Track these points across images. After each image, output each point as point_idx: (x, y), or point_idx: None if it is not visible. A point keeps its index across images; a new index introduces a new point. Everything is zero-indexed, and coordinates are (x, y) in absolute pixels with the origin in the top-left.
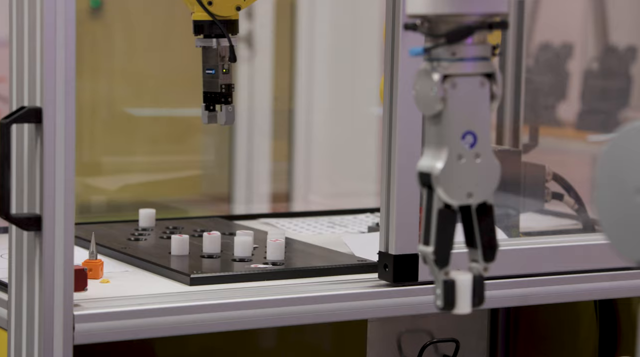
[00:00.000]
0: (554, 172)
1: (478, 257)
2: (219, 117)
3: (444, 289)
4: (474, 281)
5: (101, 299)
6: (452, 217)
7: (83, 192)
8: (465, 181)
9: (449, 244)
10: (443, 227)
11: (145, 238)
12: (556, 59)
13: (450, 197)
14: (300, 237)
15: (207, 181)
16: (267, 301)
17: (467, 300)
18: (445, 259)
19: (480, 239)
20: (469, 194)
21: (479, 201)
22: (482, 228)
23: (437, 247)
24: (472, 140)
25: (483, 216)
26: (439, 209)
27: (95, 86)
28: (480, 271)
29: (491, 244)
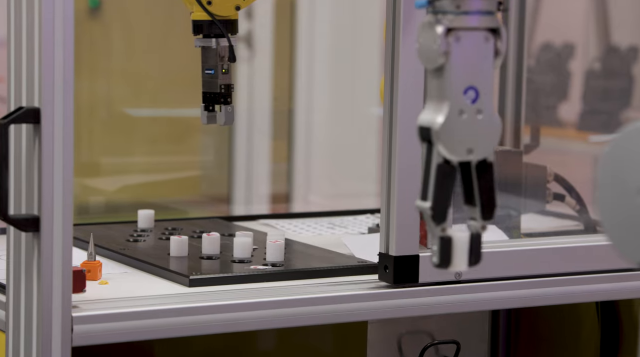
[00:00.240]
0: (556, 173)
1: (476, 215)
2: (218, 117)
3: (441, 246)
4: (471, 238)
5: (100, 301)
6: (451, 173)
7: (81, 192)
8: (466, 136)
9: (447, 200)
10: (441, 183)
11: (144, 239)
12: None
13: (450, 153)
14: (300, 238)
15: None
16: (267, 302)
17: (463, 257)
18: (443, 215)
19: (480, 197)
20: (469, 150)
21: (479, 158)
22: (482, 186)
23: (434, 202)
24: (474, 96)
25: (483, 174)
26: (438, 164)
27: (93, 86)
28: (478, 229)
29: (490, 203)
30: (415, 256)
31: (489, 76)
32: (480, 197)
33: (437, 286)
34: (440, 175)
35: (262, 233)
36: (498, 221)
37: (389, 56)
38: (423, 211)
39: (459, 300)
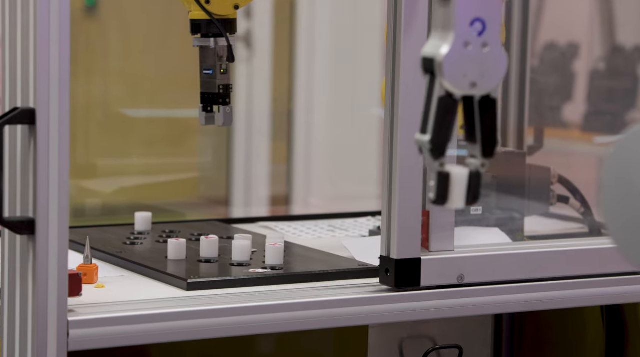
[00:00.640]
0: (560, 175)
1: (477, 152)
2: (216, 118)
3: (438, 181)
4: (470, 176)
5: (96, 305)
6: (452, 107)
7: (77, 195)
8: (470, 69)
9: (447, 135)
10: (442, 116)
11: (141, 242)
12: (562, 59)
13: (453, 85)
14: (300, 241)
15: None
16: (266, 306)
17: (461, 195)
18: (442, 149)
19: (481, 133)
20: (473, 84)
21: (483, 93)
22: (484, 122)
23: (434, 136)
24: (481, 28)
25: (486, 110)
26: (440, 97)
27: (90, 87)
28: (478, 167)
29: (491, 140)
30: (417, 259)
31: (497, 9)
32: (481, 134)
33: (439, 290)
34: (441, 108)
35: (261, 236)
36: (501, 223)
37: (390, 56)
38: (422, 144)
39: (461, 304)
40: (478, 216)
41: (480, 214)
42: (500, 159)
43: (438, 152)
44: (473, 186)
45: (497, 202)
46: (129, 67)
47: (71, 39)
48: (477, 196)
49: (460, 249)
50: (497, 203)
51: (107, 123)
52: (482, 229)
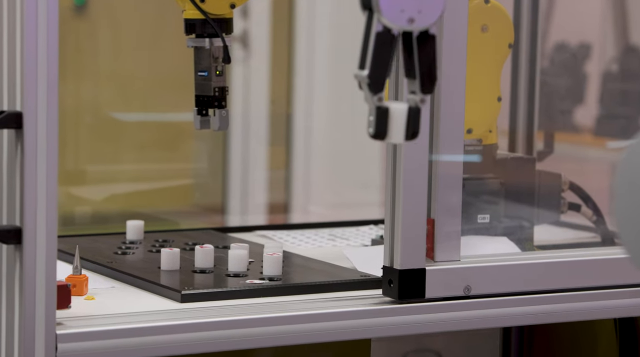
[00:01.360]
0: (571, 181)
1: (416, 88)
2: (212, 122)
3: (377, 116)
4: (410, 111)
5: (86, 317)
6: (390, 41)
7: (66, 202)
8: (408, 5)
9: (385, 70)
10: (380, 52)
11: (133, 252)
12: (573, 60)
13: (390, 21)
14: (299, 250)
15: (200, 190)
16: (264, 319)
17: (400, 130)
18: (380, 84)
19: (419, 69)
20: (410, 20)
21: (421, 28)
22: (422, 57)
23: (371, 71)
24: None
25: (424, 45)
26: (378, 32)
27: (79, 89)
28: (417, 102)
29: (430, 76)
30: (422, 270)
31: None
32: (419, 69)
33: (445, 302)
34: (378, 43)
35: (258, 245)
36: (510, 232)
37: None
38: (361, 79)
39: (468, 316)
40: (485, 225)
41: (488, 222)
42: (508, 165)
43: (376, 86)
44: (413, 121)
45: (506, 210)
46: (120, 68)
47: (60, 39)
48: (416, 131)
49: (466, 259)
50: (506, 211)
51: (97, 127)
52: (489, 238)
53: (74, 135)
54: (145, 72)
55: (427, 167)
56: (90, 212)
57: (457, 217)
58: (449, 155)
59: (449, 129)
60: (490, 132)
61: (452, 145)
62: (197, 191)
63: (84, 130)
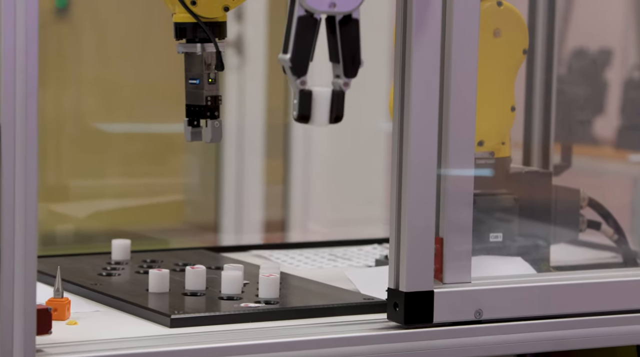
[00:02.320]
0: (590, 197)
1: (340, 72)
2: (204, 133)
3: (300, 99)
4: (334, 95)
5: (68, 344)
6: (311, 25)
7: (47, 220)
8: None
9: (307, 53)
10: (302, 35)
11: (119, 273)
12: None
13: (311, 4)
14: (298, 271)
15: (191, 207)
16: (260, 345)
17: (324, 113)
18: (302, 68)
19: (342, 52)
20: (332, 4)
21: (342, 12)
22: (344, 41)
23: (293, 54)
24: None
25: (346, 29)
26: (299, 15)
27: (61, 97)
28: (341, 85)
29: (354, 59)
30: (429, 292)
31: None
32: (342, 53)
33: (455, 327)
34: (300, 27)
35: (254, 266)
36: (524, 252)
37: (399, 62)
38: (283, 63)
39: (479, 342)
40: (498, 244)
41: (501, 241)
42: (523, 180)
43: (298, 70)
44: (336, 104)
45: (520, 228)
46: (105, 75)
47: (40, 44)
48: (340, 115)
49: (478, 281)
50: (520, 229)
51: (80, 138)
52: (502, 258)
53: (55, 147)
54: (132, 79)
55: (435, 182)
56: (73, 231)
57: (468, 235)
58: (459, 169)
59: (458, 141)
60: (503, 145)
61: (462, 159)
62: (188, 207)
63: (66, 141)
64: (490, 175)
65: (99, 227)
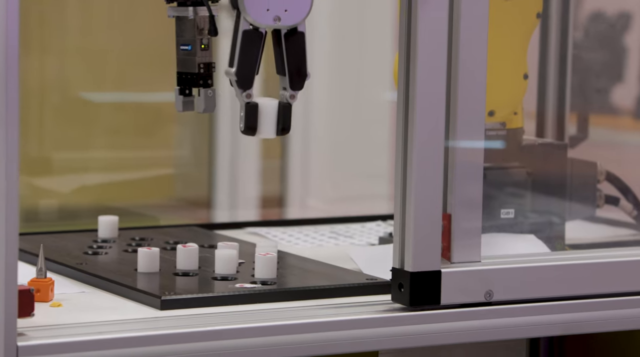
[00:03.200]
0: (608, 171)
1: (286, 84)
2: (196, 103)
3: (246, 112)
4: (280, 107)
5: (51, 327)
6: (256, 39)
7: (29, 195)
8: (273, 4)
9: (252, 67)
10: (246, 49)
11: (106, 252)
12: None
13: (255, 19)
14: (296, 250)
15: (182, 181)
16: (255, 328)
17: (271, 125)
18: (248, 81)
19: (288, 65)
20: (277, 18)
21: (287, 26)
22: (290, 54)
23: (238, 68)
24: None
25: (292, 42)
26: (244, 30)
27: (44, 67)
28: (287, 98)
29: (299, 72)
30: (437, 272)
31: None
32: (288, 66)
33: (463, 309)
34: (245, 41)
35: (249, 244)
36: (538, 229)
37: (404, 27)
38: (230, 76)
39: (489, 326)
40: (510, 221)
41: (513, 218)
42: (536, 152)
43: (243, 83)
44: (283, 116)
45: (533, 203)
46: (91, 42)
47: (21, 11)
48: (287, 127)
49: (488, 260)
50: (533, 205)
51: (64, 109)
52: (514, 236)
53: (38, 118)
54: (120, 45)
55: (442, 155)
56: (57, 207)
57: (477, 212)
58: (468, 141)
59: (468, 111)
60: (515, 115)
61: (471, 130)
62: (179, 182)
63: (50, 112)
64: (501, 147)
65: (84, 202)
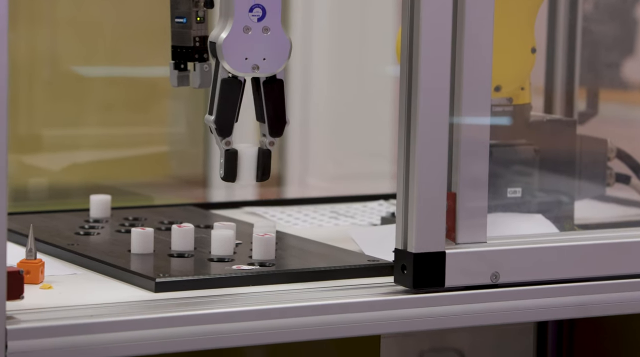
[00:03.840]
0: (619, 148)
1: (266, 131)
2: (191, 78)
3: (226, 159)
4: (260, 154)
5: (42, 310)
6: (235, 87)
7: (18, 173)
8: (252, 53)
9: (232, 114)
10: (225, 97)
11: (98, 232)
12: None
13: (234, 68)
14: (295, 230)
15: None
16: (253, 311)
17: (250, 171)
18: (227, 129)
19: (267, 113)
20: (255, 67)
21: (266, 74)
22: (268, 102)
23: (217, 116)
24: (261, 14)
25: (270, 90)
26: (223, 78)
27: (34, 40)
28: (267, 144)
29: (278, 120)
30: (441, 253)
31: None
32: (267, 113)
33: (469, 291)
34: (224, 89)
35: (247, 224)
36: (546, 208)
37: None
38: (209, 124)
39: (496, 309)
40: (517, 200)
41: (520, 197)
42: (544, 129)
43: (222, 131)
44: (263, 162)
45: (541, 182)
46: (84, 14)
47: None
48: (267, 172)
49: (494, 241)
50: (541, 183)
51: (55, 84)
52: (521, 215)
53: (27, 94)
54: (113, 17)
55: (447, 132)
56: (47, 185)
57: (483, 191)
58: (474, 117)
59: (473, 86)
60: (522, 90)
61: (477, 106)
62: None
63: (40, 87)
64: (508, 124)
65: (75, 181)
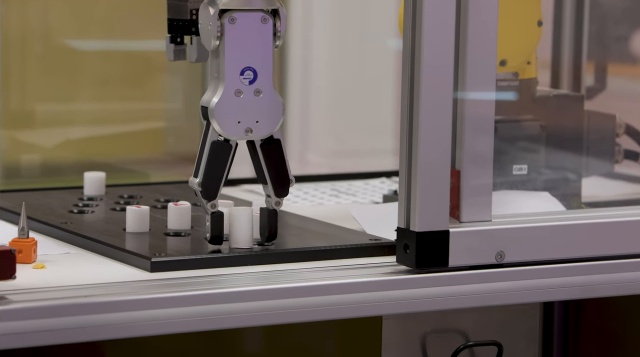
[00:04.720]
0: (627, 124)
1: (270, 192)
2: (188, 52)
3: (212, 222)
4: (265, 214)
5: (34, 290)
6: (224, 150)
7: (10, 150)
8: (244, 116)
9: (218, 179)
10: (212, 160)
11: (92, 210)
12: None
13: (226, 132)
14: (296, 209)
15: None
16: (252, 292)
17: (245, 233)
18: (212, 192)
19: (269, 175)
20: (248, 130)
21: (261, 137)
22: (269, 163)
23: (203, 179)
24: (252, 77)
25: (269, 151)
26: (213, 140)
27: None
28: (272, 205)
29: (282, 179)
30: (445, 232)
31: (268, 57)
32: (269, 174)
33: (473, 271)
34: (212, 152)
35: (245, 202)
36: (552, 186)
37: None
38: (193, 186)
39: (501, 289)
40: (522, 177)
41: (526, 174)
42: (551, 104)
43: (208, 194)
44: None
45: (547, 159)
46: None
47: None
48: (274, 233)
49: (499, 220)
50: (547, 160)
51: (48, 58)
52: (527, 193)
53: (19, 68)
54: None
55: (451, 107)
56: (40, 162)
57: (488, 168)
58: (478, 92)
59: (478, 60)
60: (528, 64)
61: (481, 80)
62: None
63: (32, 61)
64: (513, 99)
65: (69, 158)
